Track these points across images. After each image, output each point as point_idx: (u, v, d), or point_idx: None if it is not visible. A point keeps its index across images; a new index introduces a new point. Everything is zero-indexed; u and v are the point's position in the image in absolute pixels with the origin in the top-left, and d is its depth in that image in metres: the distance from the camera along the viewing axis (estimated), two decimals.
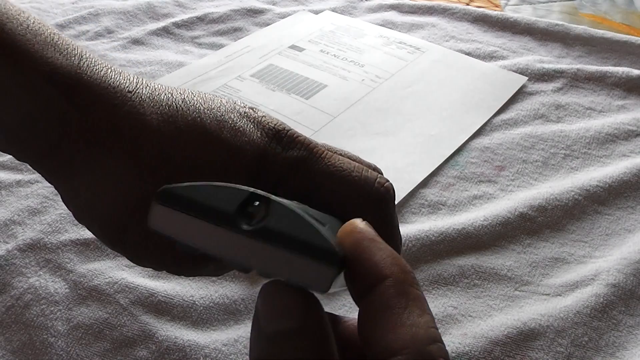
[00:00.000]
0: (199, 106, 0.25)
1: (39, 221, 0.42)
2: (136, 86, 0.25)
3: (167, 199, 0.18)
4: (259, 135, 0.24)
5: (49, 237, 0.40)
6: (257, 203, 0.18)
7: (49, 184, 0.46)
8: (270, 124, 0.25)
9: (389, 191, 0.25)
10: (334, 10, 0.74)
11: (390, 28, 0.69)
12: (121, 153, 0.23)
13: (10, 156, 0.47)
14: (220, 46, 0.65)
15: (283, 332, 0.17)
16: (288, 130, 0.25)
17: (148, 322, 0.35)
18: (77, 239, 0.40)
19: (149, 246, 0.24)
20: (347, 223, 0.19)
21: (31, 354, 0.34)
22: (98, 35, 0.66)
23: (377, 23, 0.70)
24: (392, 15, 0.72)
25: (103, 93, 0.24)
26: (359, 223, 0.18)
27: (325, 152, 0.24)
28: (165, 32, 0.67)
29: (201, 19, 0.69)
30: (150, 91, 0.25)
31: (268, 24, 0.70)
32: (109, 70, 0.25)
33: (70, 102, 0.23)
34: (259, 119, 0.25)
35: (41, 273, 0.38)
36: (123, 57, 0.62)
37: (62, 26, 0.67)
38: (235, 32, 0.68)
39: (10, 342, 0.34)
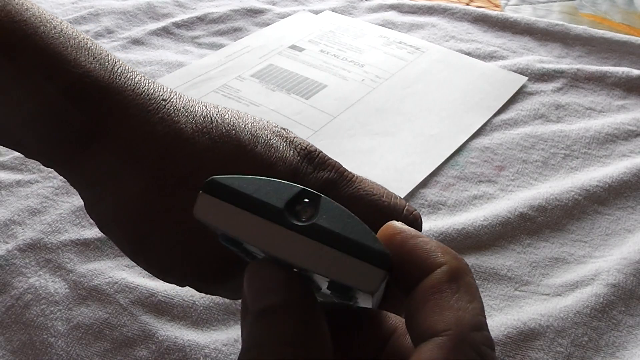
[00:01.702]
0: (233, 120, 0.25)
1: (39, 221, 0.42)
2: (170, 95, 0.25)
3: (214, 190, 0.17)
4: (291, 153, 0.24)
5: (49, 237, 0.40)
6: (306, 200, 0.17)
7: (50, 184, 0.46)
8: (302, 144, 0.25)
9: (417, 220, 0.25)
10: (334, 10, 0.74)
11: (390, 28, 0.69)
12: (153, 159, 0.23)
13: (11, 156, 0.47)
14: (220, 46, 0.65)
15: (268, 308, 0.17)
16: (319, 152, 0.25)
17: (148, 322, 0.35)
18: (77, 239, 0.40)
19: (173, 257, 0.24)
20: (385, 226, 0.19)
21: (31, 354, 0.34)
22: (98, 35, 0.66)
23: (377, 23, 0.70)
24: (392, 15, 0.72)
25: (136, 99, 0.23)
26: (397, 224, 0.18)
27: (355, 176, 0.25)
28: (165, 32, 0.67)
29: (201, 19, 0.69)
30: (184, 102, 0.25)
31: (268, 24, 0.70)
32: (143, 78, 0.25)
33: (102, 105, 0.23)
34: (291, 138, 0.25)
35: (41, 273, 0.38)
36: (123, 57, 0.62)
37: None
38: (235, 32, 0.68)
39: (10, 342, 0.34)
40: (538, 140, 0.51)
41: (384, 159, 0.49)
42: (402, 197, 0.45)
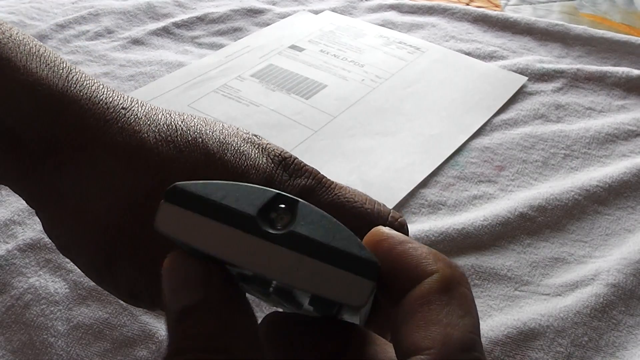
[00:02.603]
0: (200, 127, 0.23)
1: (39, 221, 0.42)
2: (130, 104, 0.23)
3: (178, 198, 0.15)
4: (264, 161, 0.23)
5: None
6: (282, 206, 0.15)
7: None
8: (276, 150, 0.24)
9: (404, 227, 0.23)
10: (334, 10, 0.74)
11: (390, 28, 0.69)
12: (115, 172, 0.21)
13: None
14: (220, 46, 0.65)
15: (186, 308, 0.15)
16: (295, 159, 0.24)
17: (148, 322, 0.35)
18: None
19: (145, 278, 0.22)
20: (371, 232, 0.17)
21: (31, 354, 0.34)
22: (98, 35, 0.66)
23: (377, 23, 0.70)
24: (392, 15, 0.72)
25: (93, 108, 0.22)
26: (384, 229, 0.17)
27: (334, 183, 0.23)
28: (165, 32, 0.67)
29: (201, 19, 0.69)
30: (146, 110, 0.23)
31: (268, 24, 0.70)
32: (101, 86, 0.23)
33: (56, 116, 0.21)
34: (264, 145, 0.24)
35: (41, 273, 0.38)
36: (123, 57, 0.62)
37: (62, 26, 0.67)
38: (235, 32, 0.68)
39: (10, 342, 0.34)
40: (538, 140, 0.51)
41: (384, 159, 0.49)
42: (402, 197, 0.45)
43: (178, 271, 0.16)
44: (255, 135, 0.24)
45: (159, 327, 0.35)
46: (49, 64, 0.22)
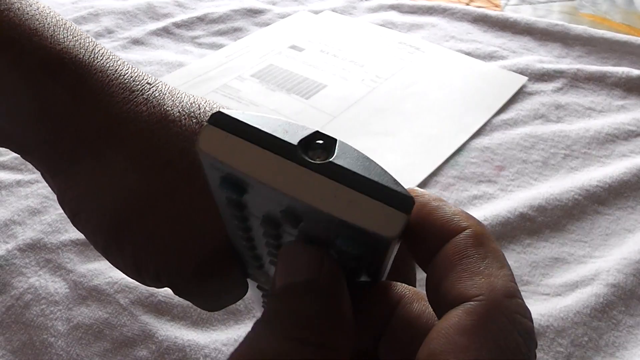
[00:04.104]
0: (221, 107, 0.24)
1: (39, 221, 0.42)
2: (155, 81, 0.24)
3: (222, 122, 0.15)
4: None
5: (49, 237, 0.40)
6: (321, 142, 0.16)
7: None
8: None
9: None
10: (334, 10, 0.74)
11: (390, 28, 0.69)
12: (137, 139, 0.22)
13: (11, 156, 0.47)
14: (220, 46, 0.65)
15: (290, 286, 0.15)
16: None
17: (148, 322, 0.35)
18: (77, 239, 0.40)
19: (152, 245, 0.22)
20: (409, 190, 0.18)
21: (31, 354, 0.34)
22: (98, 35, 0.66)
23: (377, 23, 0.70)
24: (392, 15, 0.72)
25: (119, 78, 0.23)
26: (417, 189, 0.17)
27: None
28: (165, 32, 0.67)
29: (201, 19, 0.69)
30: (170, 89, 0.24)
31: (268, 24, 0.70)
32: (125, 63, 0.24)
33: (82, 82, 0.22)
34: None
35: (41, 273, 0.38)
36: (123, 57, 0.62)
37: None
38: (235, 32, 0.68)
39: (10, 342, 0.34)
40: (538, 140, 0.51)
41: (384, 159, 0.49)
42: None
43: (296, 252, 0.16)
44: None
45: (159, 327, 0.35)
46: (75, 37, 0.23)
